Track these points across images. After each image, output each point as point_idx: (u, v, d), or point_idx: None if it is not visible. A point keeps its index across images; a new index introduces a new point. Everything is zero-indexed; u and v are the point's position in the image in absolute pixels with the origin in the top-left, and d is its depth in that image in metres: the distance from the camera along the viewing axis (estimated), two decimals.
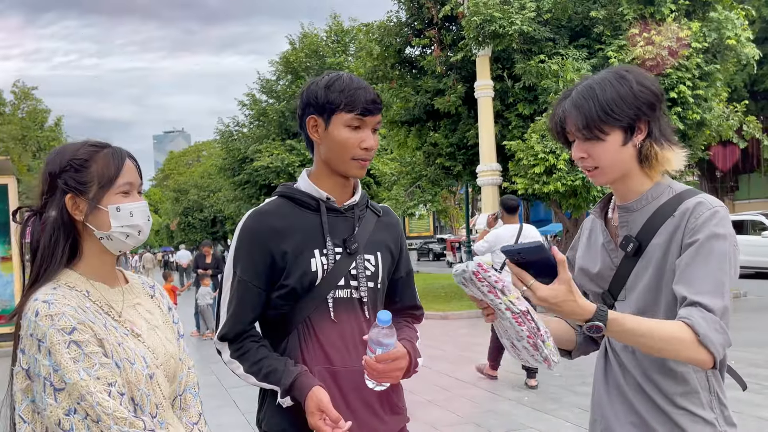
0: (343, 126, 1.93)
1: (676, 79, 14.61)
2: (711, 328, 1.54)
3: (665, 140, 1.74)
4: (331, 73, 1.98)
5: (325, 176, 2.01)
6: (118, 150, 1.68)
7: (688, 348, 1.53)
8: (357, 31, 29.38)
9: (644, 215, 1.73)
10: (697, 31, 14.67)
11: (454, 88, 16.70)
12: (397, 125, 18.71)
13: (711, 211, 1.63)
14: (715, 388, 1.71)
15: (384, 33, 17.78)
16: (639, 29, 14.91)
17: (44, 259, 1.61)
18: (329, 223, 1.98)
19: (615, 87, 1.71)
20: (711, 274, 1.58)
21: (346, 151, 1.94)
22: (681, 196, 1.71)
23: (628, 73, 1.73)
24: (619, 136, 1.71)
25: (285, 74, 32.70)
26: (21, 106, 39.95)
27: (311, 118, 1.96)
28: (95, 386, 1.47)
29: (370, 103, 1.94)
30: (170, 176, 78.18)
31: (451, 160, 17.84)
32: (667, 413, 1.69)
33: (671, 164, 1.74)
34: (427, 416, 6.46)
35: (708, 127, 15.59)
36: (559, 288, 1.52)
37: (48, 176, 1.63)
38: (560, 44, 15.53)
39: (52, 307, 1.51)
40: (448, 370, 8.46)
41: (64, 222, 1.62)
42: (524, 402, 6.74)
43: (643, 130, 1.72)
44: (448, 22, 17.52)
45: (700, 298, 1.56)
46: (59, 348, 1.47)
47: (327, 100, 1.92)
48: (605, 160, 1.73)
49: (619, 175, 1.75)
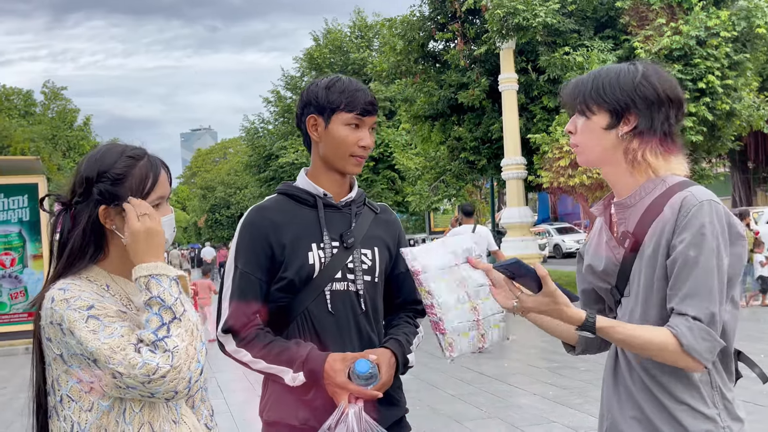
0: (343, 125, 2.02)
1: (704, 69, 14.38)
2: (696, 337, 1.57)
3: (657, 144, 1.71)
4: (331, 75, 2.11)
5: (323, 173, 2.10)
6: (154, 161, 1.72)
7: (674, 356, 1.60)
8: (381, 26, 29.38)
9: (638, 210, 1.72)
10: (726, 20, 14.41)
11: (477, 82, 16.61)
12: (421, 120, 18.66)
13: (697, 207, 1.61)
14: (718, 383, 1.68)
15: (407, 27, 17.74)
16: (666, 19, 14.69)
17: (71, 261, 1.66)
18: (326, 218, 2.07)
19: (620, 73, 1.73)
20: (698, 280, 1.58)
21: (345, 148, 2.03)
22: (671, 189, 1.68)
23: (642, 66, 1.74)
24: (605, 118, 1.72)
25: (309, 70, 32.84)
26: (51, 106, 40.68)
27: (311, 117, 2.06)
28: (117, 344, 1.51)
29: (368, 104, 2.04)
30: (197, 174, 79.00)
31: (475, 155, 17.76)
32: (668, 409, 1.67)
33: (656, 169, 1.72)
34: (450, 410, 6.46)
35: (738, 118, 15.32)
36: (542, 300, 1.63)
37: (84, 180, 1.67)
38: (585, 36, 15.36)
39: (67, 293, 1.56)
40: (472, 364, 8.44)
41: (95, 228, 1.67)
42: (549, 396, 6.70)
43: (631, 122, 1.71)
44: (471, 16, 17.41)
45: (687, 309, 1.59)
46: (78, 324, 1.52)
47: (328, 100, 2.03)
48: (585, 139, 1.76)
49: (598, 159, 1.77)
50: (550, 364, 8.21)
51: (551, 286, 1.61)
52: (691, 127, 14.41)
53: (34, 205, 12.64)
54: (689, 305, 1.59)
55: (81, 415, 1.59)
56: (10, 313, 12.57)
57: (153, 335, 1.51)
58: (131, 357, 1.49)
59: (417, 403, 6.76)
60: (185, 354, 1.52)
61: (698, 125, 14.58)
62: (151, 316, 1.53)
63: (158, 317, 1.53)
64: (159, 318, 1.53)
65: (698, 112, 14.37)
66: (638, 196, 1.72)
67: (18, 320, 12.35)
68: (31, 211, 12.70)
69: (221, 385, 8.19)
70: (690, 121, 14.36)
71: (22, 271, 12.70)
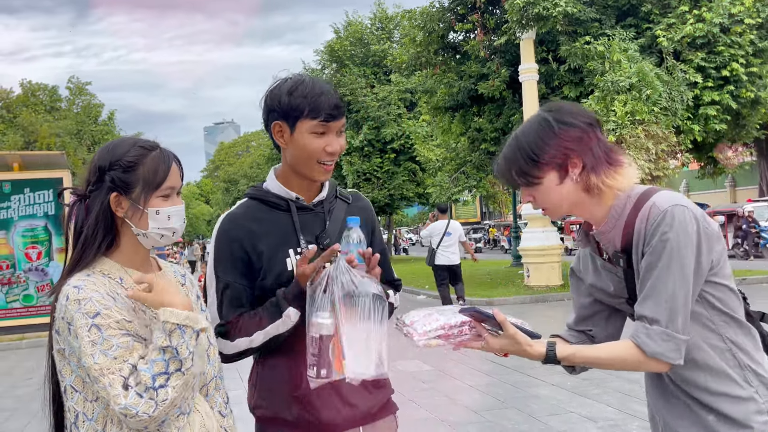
0: (308, 132, 1.96)
1: (728, 56, 14.16)
2: (656, 340, 1.64)
3: (606, 166, 1.76)
4: (294, 77, 2.01)
5: (293, 177, 2.06)
6: (166, 153, 1.76)
7: (641, 364, 1.69)
8: (401, 17, 29.29)
9: (618, 232, 1.77)
10: (750, 6, 14.17)
11: (498, 73, 16.51)
12: (442, 111, 18.60)
13: (661, 215, 1.66)
14: (746, 362, 1.71)
15: (427, 19, 17.66)
16: (689, 6, 14.48)
17: (85, 248, 1.70)
18: (300, 221, 2.05)
19: (537, 132, 1.77)
20: (657, 282, 1.65)
21: (312, 156, 1.98)
22: (639, 202, 1.73)
23: (550, 114, 1.78)
24: (554, 176, 1.77)
25: (330, 63, 32.86)
26: (76, 101, 41.17)
27: (276, 124, 2.00)
28: (108, 368, 1.55)
29: (333, 109, 1.96)
30: (220, 167, 79.59)
31: (496, 146, 17.64)
32: (710, 403, 1.71)
33: (618, 188, 1.76)
34: (468, 401, 6.49)
35: (763, 106, 15.06)
36: (505, 342, 1.76)
37: (97, 169, 1.72)
38: (606, 24, 15.18)
39: (81, 292, 1.60)
40: (491, 355, 8.43)
41: (106, 215, 1.71)
42: (566, 387, 6.70)
43: (578, 164, 1.75)
44: (491, 6, 17.29)
45: (645, 311, 1.67)
46: (82, 331, 1.57)
47: (290, 107, 1.95)
48: (549, 201, 1.80)
49: (569, 208, 1.82)
50: None
51: (510, 329, 1.74)
52: (714, 115, 14.22)
53: (59, 199, 12.85)
54: (647, 307, 1.66)
55: (86, 405, 1.63)
56: (37, 306, 12.82)
57: (150, 380, 1.53)
58: (116, 393, 1.52)
59: (435, 393, 6.80)
60: (171, 405, 1.55)
61: (722, 114, 14.37)
62: (159, 360, 1.56)
63: (164, 364, 1.55)
64: (165, 365, 1.55)
65: (722, 100, 14.17)
66: (613, 220, 1.77)
67: (45, 312, 12.57)
68: (57, 205, 12.90)
69: (242, 375, 8.28)
70: (714, 109, 14.17)
71: (48, 264, 12.93)
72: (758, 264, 18.60)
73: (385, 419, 2.14)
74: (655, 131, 13.34)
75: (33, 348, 11.91)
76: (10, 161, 13.63)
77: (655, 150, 13.43)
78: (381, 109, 29.75)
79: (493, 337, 1.77)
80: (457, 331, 1.80)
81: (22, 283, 12.86)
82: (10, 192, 12.89)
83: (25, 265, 12.86)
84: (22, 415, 7.11)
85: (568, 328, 1.99)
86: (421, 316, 1.83)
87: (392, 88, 29.99)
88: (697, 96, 14.23)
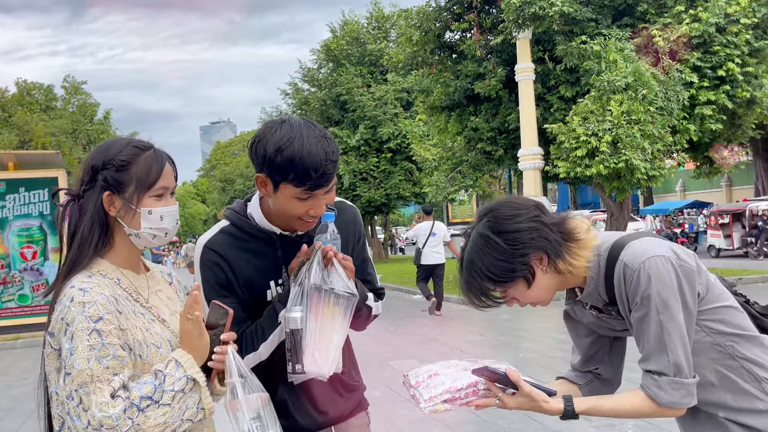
0: (291, 197, 1.85)
1: (724, 56, 14.20)
2: (668, 391, 1.68)
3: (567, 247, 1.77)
4: (285, 129, 1.84)
5: (276, 217, 1.98)
6: (159, 153, 1.74)
7: (656, 412, 1.73)
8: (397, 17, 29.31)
9: (601, 288, 1.80)
10: (746, 6, 14.20)
11: (494, 72, 16.52)
12: (438, 111, 18.61)
13: (635, 275, 1.68)
14: (761, 374, 1.73)
15: (423, 18, 17.66)
16: (685, 6, 14.50)
17: (82, 249, 1.69)
18: (283, 254, 1.99)
19: (488, 253, 1.75)
20: (652, 339, 1.69)
21: (293, 215, 1.90)
22: (610, 260, 1.76)
23: (490, 230, 1.75)
24: (522, 284, 1.79)
25: (326, 62, 32.83)
26: (71, 100, 41.07)
27: (259, 176, 1.88)
28: (99, 375, 1.54)
29: (320, 178, 1.81)
30: (217, 166, 79.49)
31: (492, 145, 17.68)
32: (732, 419, 1.75)
33: (586, 256, 1.77)
34: None
35: (759, 105, 15.12)
36: (521, 400, 1.76)
37: (90, 169, 1.71)
38: (603, 24, 15.21)
39: (86, 295, 1.59)
40: (488, 354, 8.44)
41: (100, 215, 1.70)
42: None
43: (543, 259, 1.76)
44: (487, 5, 17.30)
45: (650, 366, 1.71)
46: (81, 334, 1.55)
47: (276, 167, 1.81)
48: (530, 298, 1.83)
49: (552, 295, 1.85)
50: (565, 354, 8.16)
51: (525, 387, 1.73)
52: (710, 115, 14.25)
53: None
54: (651, 363, 1.70)
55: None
56: (32, 305, 12.80)
57: (139, 398, 1.54)
58: (105, 400, 1.51)
59: None
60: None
61: (718, 113, 14.41)
62: (149, 383, 1.57)
63: (153, 388, 1.56)
64: (153, 390, 1.56)
65: (718, 100, 14.21)
66: (593, 282, 1.80)
67: (40, 312, 12.55)
68: (52, 204, 12.87)
69: None
70: (710, 109, 14.20)
71: (43, 263, 12.91)
72: (755, 264, 18.63)
73: (356, 416, 2.18)
74: (651, 131, 13.36)
75: (28, 348, 11.88)
76: (5, 160, 13.60)
77: (651, 150, 13.46)
78: (377, 109, 29.74)
79: (508, 396, 1.77)
80: (464, 394, 1.81)
81: (17, 283, 12.84)
82: (5, 191, 12.87)
83: (20, 264, 12.84)
84: (17, 414, 7.09)
85: (574, 369, 2.02)
86: (425, 377, 1.84)
87: (389, 88, 29.99)
88: (693, 96, 14.27)
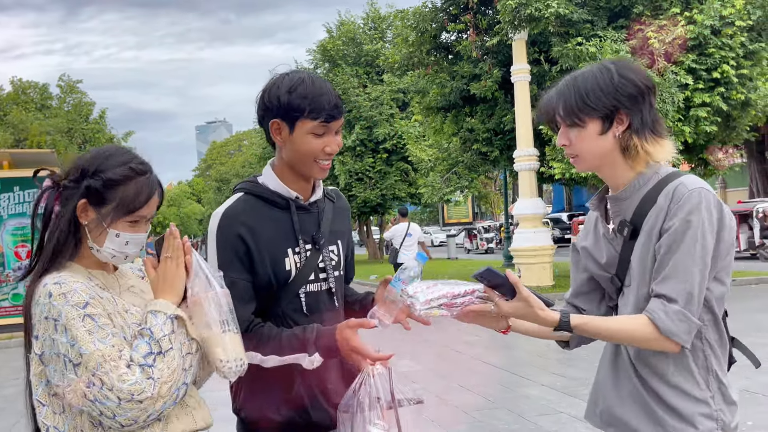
0: (307, 133, 1.94)
1: (719, 58, 14.21)
2: (673, 319, 1.62)
3: (650, 132, 1.76)
4: (292, 75, 1.97)
5: (290, 176, 2.04)
6: (152, 181, 1.73)
7: (653, 341, 1.65)
8: (394, 17, 29.30)
9: (633, 202, 1.77)
10: (741, 9, 14.23)
11: (490, 73, 16.52)
12: (434, 111, 18.59)
13: (688, 194, 1.65)
14: (714, 367, 1.71)
15: (419, 19, 17.65)
16: (680, 8, 14.53)
17: (56, 255, 1.68)
18: (299, 222, 2.03)
19: (596, 77, 1.76)
20: (678, 262, 1.63)
21: (310, 156, 1.97)
22: (665, 180, 1.73)
23: (613, 65, 1.78)
24: (598, 125, 1.75)
25: (322, 62, 32.81)
26: (67, 99, 40.91)
27: (274, 122, 1.96)
28: (110, 354, 1.55)
29: (333, 109, 1.93)
30: (212, 166, 79.35)
31: (487, 146, 17.68)
32: (661, 393, 1.71)
33: (654, 156, 1.77)
34: (459, 400, 6.49)
35: (753, 108, 15.12)
36: (517, 305, 1.71)
37: (80, 170, 1.70)
38: (598, 26, 15.22)
39: (63, 286, 1.59)
40: (483, 355, 8.46)
41: (75, 221, 1.69)
42: (557, 387, 6.71)
43: (624, 121, 1.75)
44: (483, 6, 17.31)
45: (663, 290, 1.65)
46: (74, 323, 1.55)
47: (290, 106, 1.92)
48: (583, 147, 1.79)
49: (598, 163, 1.80)
50: (559, 354, 8.20)
51: (524, 291, 1.69)
52: (705, 117, 14.27)
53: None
54: (666, 286, 1.64)
55: (55, 419, 1.62)
56: None
57: (142, 359, 1.56)
58: (123, 372, 1.53)
59: (424, 393, 6.78)
60: (166, 388, 1.56)
61: (713, 115, 14.43)
62: (141, 344, 1.58)
63: (147, 345, 1.58)
64: (148, 346, 1.58)
65: (713, 102, 14.23)
66: (633, 188, 1.77)
67: None
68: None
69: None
70: (704, 111, 14.23)
71: None
72: (752, 265, 18.67)
73: None
74: None
75: (22, 347, 11.74)
76: (0, 159, 13.55)
77: None
78: (373, 109, 29.73)
79: (504, 301, 1.72)
80: (461, 301, 1.77)
81: (11, 282, 12.79)
82: (0, 190, 12.82)
83: (14, 263, 12.79)
84: (9, 414, 7.06)
85: (565, 301, 2.00)
86: (424, 287, 1.81)
87: (385, 88, 29.98)
88: (688, 98, 14.29)
